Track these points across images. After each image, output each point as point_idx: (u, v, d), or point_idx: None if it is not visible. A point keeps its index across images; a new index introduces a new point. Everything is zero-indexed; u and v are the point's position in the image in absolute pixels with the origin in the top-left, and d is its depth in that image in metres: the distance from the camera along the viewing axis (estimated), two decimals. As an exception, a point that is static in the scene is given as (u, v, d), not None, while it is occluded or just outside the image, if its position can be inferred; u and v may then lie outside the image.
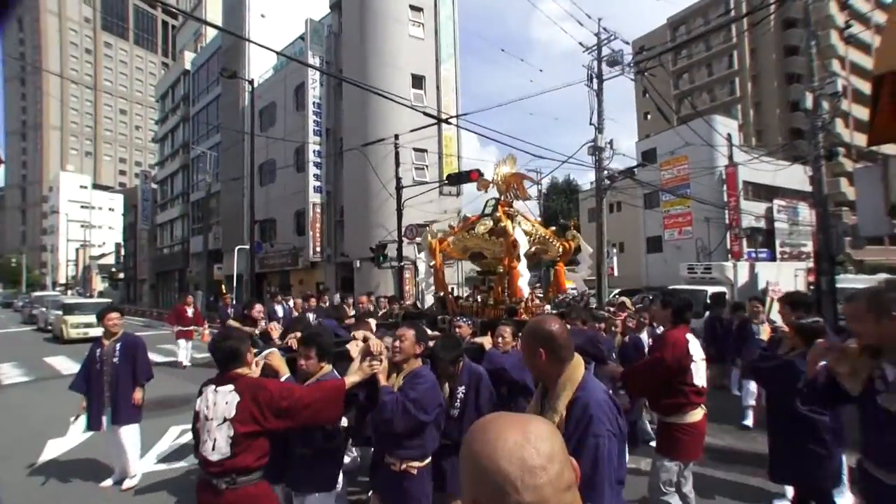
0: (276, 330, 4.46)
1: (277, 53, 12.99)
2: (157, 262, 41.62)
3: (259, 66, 24.87)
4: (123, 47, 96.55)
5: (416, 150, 17.91)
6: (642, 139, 36.92)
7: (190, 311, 10.39)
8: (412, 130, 14.03)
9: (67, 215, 60.90)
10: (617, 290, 18.57)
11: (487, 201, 5.99)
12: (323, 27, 21.14)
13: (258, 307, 5.89)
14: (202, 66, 33.02)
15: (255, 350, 2.88)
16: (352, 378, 2.65)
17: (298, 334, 3.98)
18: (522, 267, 5.11)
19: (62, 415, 4.73)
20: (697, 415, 3.16)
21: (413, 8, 19.32)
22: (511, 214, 5.55)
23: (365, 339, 4.01)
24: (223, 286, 18.87)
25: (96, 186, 76.92)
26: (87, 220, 61.36)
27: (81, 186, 71.12)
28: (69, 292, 50.74)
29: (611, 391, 5.21)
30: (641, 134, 44.90)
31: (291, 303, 12.72)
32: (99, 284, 56.48)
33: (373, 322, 4.93)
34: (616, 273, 21.03)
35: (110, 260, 58.66)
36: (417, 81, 19.07)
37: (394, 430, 2.64)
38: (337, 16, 21.26)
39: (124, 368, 4.61)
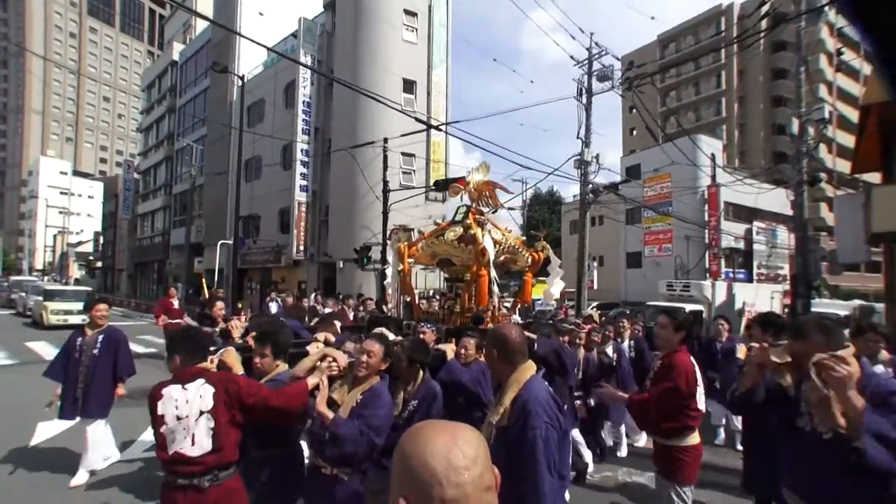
0: (236, 328, 4.37)
1: (269, 49, 12.92)
2: (137, 253, 40.94)
3: (249, 61, 24.69)
4: (109, 33, 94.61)
5: (404, 154, 17.96)
6: (627, 155, 37.47)
7: (175, 304, 10.26)
8: (403, 135, 14.09)
9: (47, 200, 59.52)
10: (595, 304, 18.82)
11: (458, 208, 6.05)
12: (316, 26, 21.10)
13: (219, 304, 5.68)
14: (191, 58, 32.63)
15: (211, 348, 2.84)
16: (312, 380, 2.59)
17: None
18: (493, 274, 5.15)
19: (47, 399, 4.63)
20: (696, 437, 3.14)
21: (407, 12, 19.40)
22: (481, 222, 5.57)
23: (326, 342, 3.89)
24: (203, 279, 18.59)
25: (76, 173, 75.20)
26: (66, 207, 59.95)
27: (61, 172, 69.56)
28: (45, 278, 49.47)
29: (589, 402, 5.09)
30: (626, 149, 45.58)
31: (289, 299, 12.64)
32: (76, 272, 55.41)
33: (337, 324, 4.93)
34: (595, 286, 21.31)
35: (88, 248, 57.49)
36: (409, 86, 19.13)
37: (345, 452, 2.51)
38: (331, 15, 21.24)
39: (103, 361, 4.54)
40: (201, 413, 2.20)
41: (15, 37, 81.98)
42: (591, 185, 16.25)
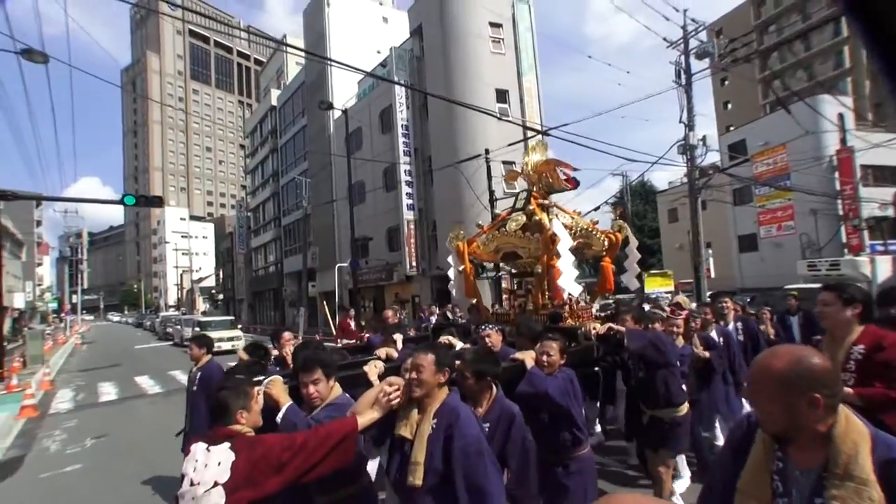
0: (291, 356, 3.97)
1: (368, 74, 14.06)
2: (254, 283, 45.02)
3: (342, 96, 26.66)
4: (207, 91, 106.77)
5: (504, 162, 18.46)
6: (724, 132, 35.12)
7: (352, 324, 10.91)
8: (510, 144, 14.60)
9: (175, 245, 67.38)
10: (709, 293, 17.88)
11: (518, 194, 5.40)
12: (405, 53, 22.40)
13: (286, 335, 4.93)
14: (287, 101, 35.81)
15: (258, 378, 2.56)
16: (366, 417, 2.19)
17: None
18: (564, 263, 4.36)
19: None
20: None
21: (492, 24, 20.03)
22: (546, 206, 4.98)
23: (388, 358, 3.55)
24: (326, 304, 20.29)
25: (192, 218, 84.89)
26: (188, 248, 67.68)
27: (181, 218, 78.55)
28: (178, 311, 56.08)
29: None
30: (721, 125, 42.47)
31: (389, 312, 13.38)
32: (201, 305, 61.93)
33: (399, 338, 4.57)
34: (713, 275, 20.21)
35: (209, 282, 64.34)
36: (501, 95, 19.68)
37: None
38: (418, 41, 22.44)
39: (200, 396, 4.26)
40: (215, 484, 1.82)
41: (140, 111, 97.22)
42: (698, 170, 15.71)
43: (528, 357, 3.23)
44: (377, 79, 21.41)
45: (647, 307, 6.43)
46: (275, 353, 4.27)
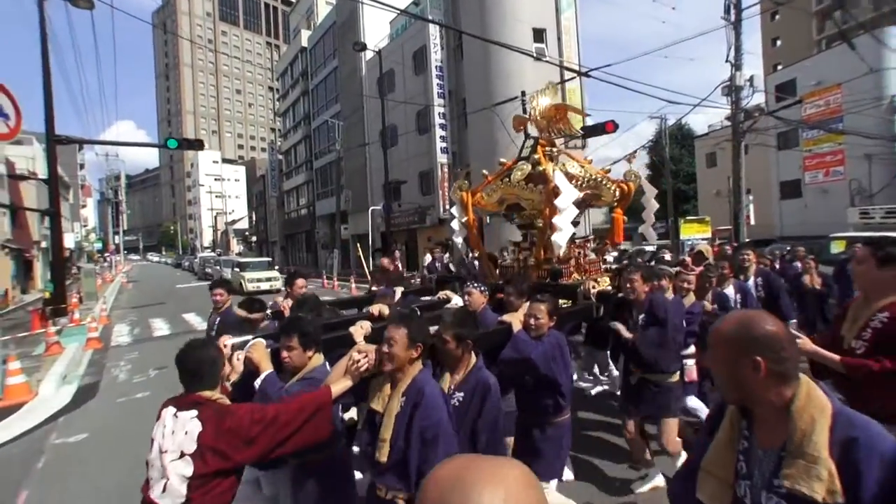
0: (287, 308, 3.94)
1: (401, 12, 13.71)
2: (286, 226, 46.22)
3: (374, 36, 26.09)
4: (236, 33, 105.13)
5: (540, 104, 18.17)
6: (771, 71, 32.99)
7: (399, 267, 11.03)
8: (554, 84, 14.30)
9: (210, 187, 69.05)
10: (746, 241, 17.68)
11: (524, 142, 5.07)
12: (440, -11, 21.64)
13: (299, 282, 4.79)
14: (318, 43, 35.21)
15: (243, 339, 2.52)
16: (339, 386, 2.15)
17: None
18: (562, 219, 4.03)
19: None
20: None
21: (531, -41, 19.06)
22: (553, 156, 4.74)
23: (380, 316, 3.42)
24: (360, 245, 20.97)
25: (224, 160, 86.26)
26: (221, 191, 69.38)
27: (213, 161, 79.84)
28: (214, 253, 58.48)
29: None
30: (768, 64, 39.57)
31: (384, 260, 13.30)
32: (235, 246, 64.17)
33: (399, 291, 4.50)
34: (752, 222, 19.82)
35: (242, 224, 66.36)
36: (538, 35, 19.02)
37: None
38: (453, -24, 21.59)
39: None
40: (182, 455, 1.75)
41: (172, 54, 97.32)
42: (743, 112, 15.22)
43: (515, 320, 3.15)
44: (411, 17, 20.97)
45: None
46: (279, 301, 4.28)
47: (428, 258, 14.27)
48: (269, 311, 4.04)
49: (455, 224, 5.13)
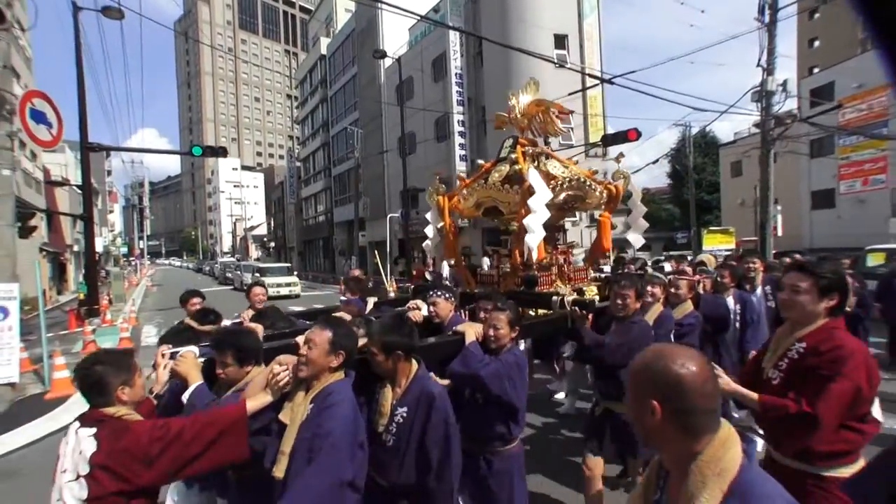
0: (247, 321, 3.73)
1: (421, 19, 13.64)
2: (304, 232, 46.56)
3: (393, 43, 26.13)
4: (255, 41, 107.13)
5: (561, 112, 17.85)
6: (806, 74, 32.06)
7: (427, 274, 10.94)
8: (570, 94, 14.04)
9: (229, 194, 70.13)
10: (773, 252, 17.03)
11: (504, 142, 4.79)
12: (459, -4, 21.55)
13: (256, 290, 4.81)
14: (337, 50, 35.49)
15: (172, 350, 2.33)
16: (257, 401, 1.96)
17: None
18: (533, 220, 3.71)
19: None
20: (861, 462, 1.97)
21: (553, -36, 18.86)
22: (535, 154, 4.43)
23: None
24: (377, 253, 20.80)
25: (242, 167, 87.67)
26: (240, 198, 70.39)
27: (233, 168, 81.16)
28: (233, 258, 59.24)
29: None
30: (803, 67, 38.12)
31: (355, 271, 12.75)
32: (254, 252, 65.07)
33: (371, 301, 4.44)
34: (780, 233, 19.18)
35: (261, 231, 67.20)
36: (560, 41, 18.77)
37: None
38: (473, -18, 21.49)
39: None
40: (77, 476, 1.61)
41: (193, 63, 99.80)
42: (773, 119, 14.71)
43: (470, 330, 2.80)
44: (430, 23, 20.84)
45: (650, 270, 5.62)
46: (243, 314, 4.04)
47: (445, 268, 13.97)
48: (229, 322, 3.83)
49: (429, 230, 4.88)
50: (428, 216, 4.89)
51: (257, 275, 22.44)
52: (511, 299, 3.36)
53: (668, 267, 7.57)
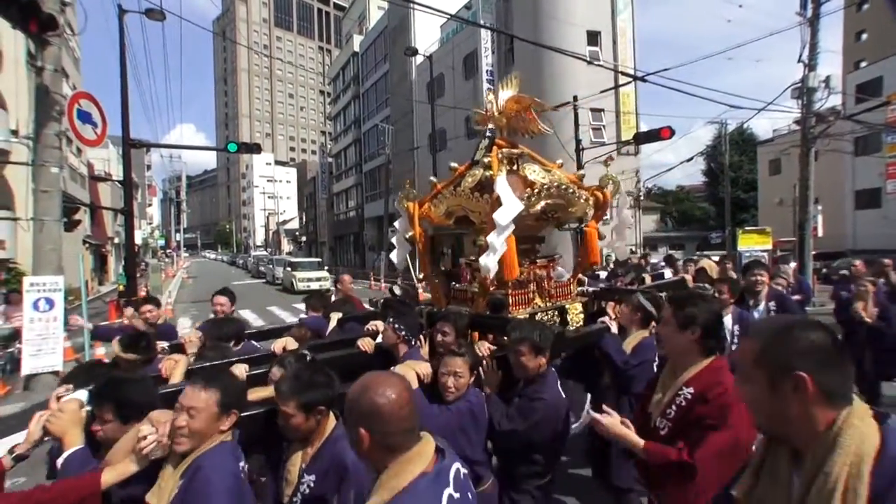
0: (192, 343, 3.22)
1: (452, 17, 13.79)
2: (335, 227, 47.34)
3: (425, 40, 26.33)
4: (289, 38, 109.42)
5: (592, 110, 17.73)
6: (851, 69, 30.68)
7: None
8: (602, 91, 13.98)
9: (263, 189, 71.98)
10: (812, 253, 16.45)
11: (479, 143, 4.31)
12: (492, -6, 21.59)
13: (146, 307, 4.47)
14: (369, 47, 35.97)
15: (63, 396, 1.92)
16: (115, 472, 1.64)
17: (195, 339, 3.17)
18: (496, 237, 3.19)
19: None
20: None
21: (587, -40, 18.70)
22: (513, 157, 3.95)
23: (284, 352, 2.86)
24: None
25: (276, 163, 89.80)
26: (273, 192, 72.14)
27: (267, 163, 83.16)
28: (265, 251, 60.77)
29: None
30: (848, 61, 36.31)
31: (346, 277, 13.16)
32: (286, 246, 66.62)
33: (335, 317, 4.00)
34: (821, 233, 18.54)
35: (293, 225, 68.75)
36: (593, 38, 18.62)
37: None
38: (505, -20, 21.48)
39: None
40: None
41: (230, 60, 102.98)
42: (814, 116, 14.28)
43: (410, 373, 2.34)
44: (462, 22, 20.92)
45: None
46: (184, 336, 3.46)
47: (347, 279, 13.86)
48: (166, 346, 3.29)
49: (397, 240, 4.31)
50: (397, 224, 4.34)
51: (289, 269, 23.12)
52: (476, 324, 3.16)
53: (668, 274, 6.91)
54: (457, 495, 1.20)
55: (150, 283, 21.60)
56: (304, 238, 61.83)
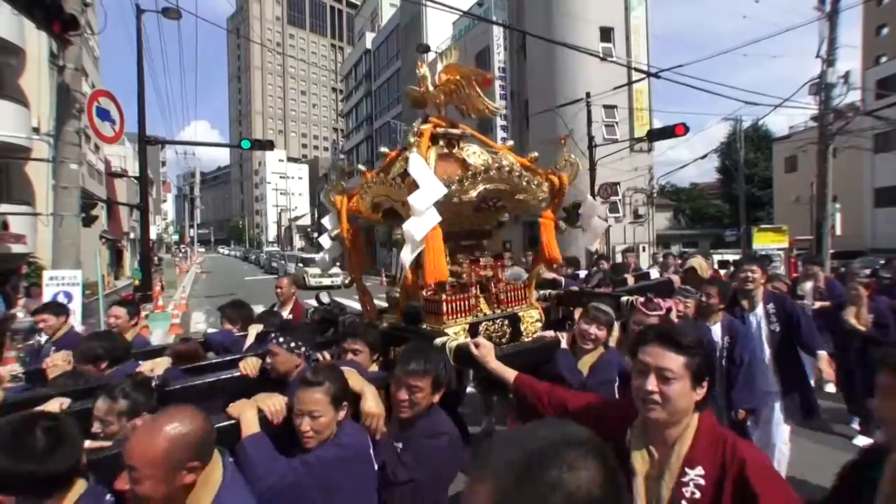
0: (56, 364, 2.62)
1: (464, 14, 13.78)
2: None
3: (437, 37, 26.33)
4: (302, 36, 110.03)
5: (605, 106, 17.61)
6: (872, 64, 30.06)
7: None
8: (615, 88, 13.89)
9: (275, 185, 72.54)
10: (831, 252, 16.17)
11: (413, 125, 3.39)
12: (504, -10, 21.53)
13: (116, 310, 3.73)
14: (381, 45, 36.06)
15: None
16: None
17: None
18: (412, 225, 2.50)
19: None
20: None
21: (600, -45, 18.55)
22: (451, 138, 3.23)
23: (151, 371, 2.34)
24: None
25: (289, 159, 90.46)
26: (285, 189, 72.68)
27: (279, 160, 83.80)
28: (278, 247, 61.26)
29: None
30: (868, 57, 35.53)
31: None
32: (297, 242, 67.13)
33: (254, 331, 3.44)
34: (839, 231, 18.23)
35: (305, 221, 69.24)
36: (606, 34, 18.49)
37: None
38: (518, -24, 21.41)
39: None
40: None
41: (244, 58, 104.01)
42: (832, 112, 14.06)
43: (247, 413, 1.80)
44: (474, 18, 20.90)
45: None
46: (49, 360, 2.79)
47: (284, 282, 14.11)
48: (20, 373, 2.76)
49: (324, 240, 3.63)
50: (325, 221, 3.65)
51: (301, 265, 23.31)
52: (390, 338, 2.68)
53: (654, 273, 5.86)
54: None
55: (164, 277, 21.95)
56: (315, 234, 62.17)
